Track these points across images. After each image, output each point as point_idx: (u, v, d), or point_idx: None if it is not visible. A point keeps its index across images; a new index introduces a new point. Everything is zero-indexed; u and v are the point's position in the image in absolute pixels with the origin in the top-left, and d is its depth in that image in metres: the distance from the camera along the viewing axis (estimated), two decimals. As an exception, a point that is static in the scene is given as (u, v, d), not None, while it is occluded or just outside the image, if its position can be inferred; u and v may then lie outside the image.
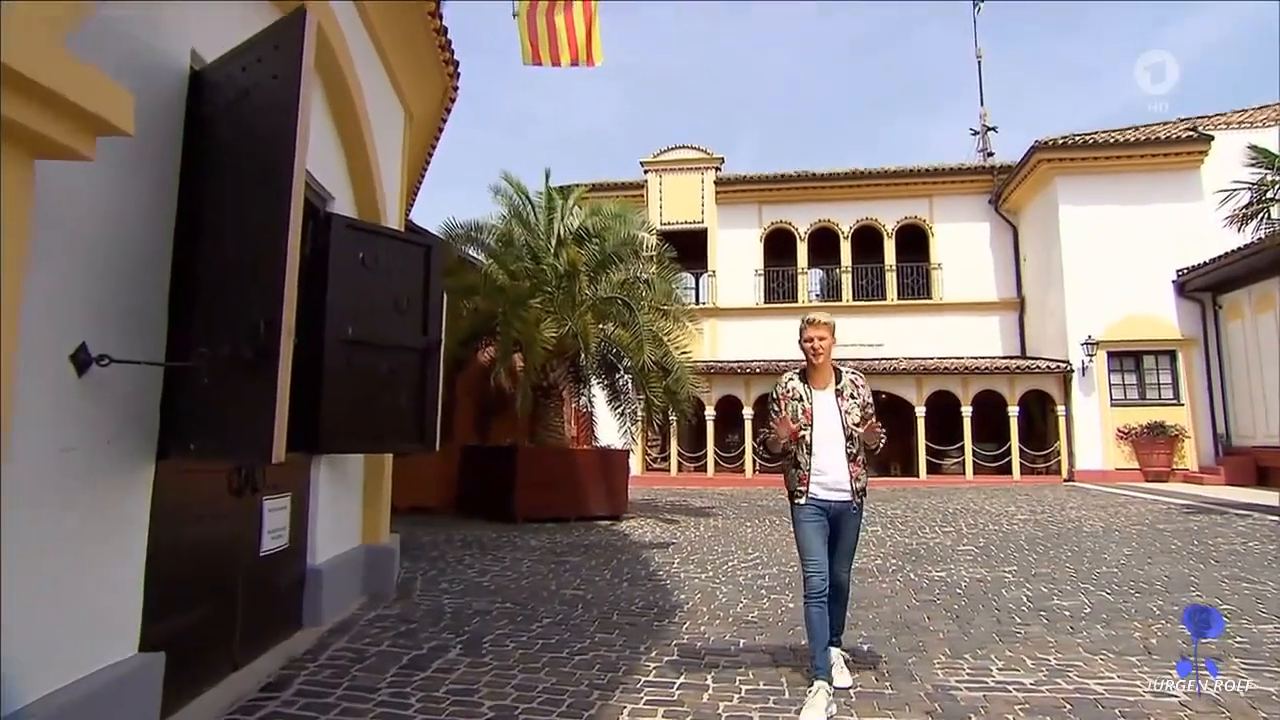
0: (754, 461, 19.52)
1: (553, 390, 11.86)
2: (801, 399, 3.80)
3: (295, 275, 2.74)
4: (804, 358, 3.86)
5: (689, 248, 20.38)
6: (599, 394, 12.58)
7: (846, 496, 3.71)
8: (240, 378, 2.75)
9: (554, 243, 11.89)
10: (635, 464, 18.08)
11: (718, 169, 22.53)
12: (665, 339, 11.36)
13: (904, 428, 19.22)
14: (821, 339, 3.75)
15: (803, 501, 3.73)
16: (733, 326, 21.24)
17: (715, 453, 19.53)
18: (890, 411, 18.92)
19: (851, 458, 3.73)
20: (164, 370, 3.01)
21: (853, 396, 3.78)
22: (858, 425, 3.73)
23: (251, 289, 2.79)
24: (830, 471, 3.72)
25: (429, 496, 11.76)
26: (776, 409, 3.86)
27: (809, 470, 3.73)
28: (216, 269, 2.98)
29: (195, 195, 3.09)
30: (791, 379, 3.89)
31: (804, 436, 3.75)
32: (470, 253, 12.44)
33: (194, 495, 3.41)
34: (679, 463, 19.92)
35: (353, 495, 5.67)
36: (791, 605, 5.52)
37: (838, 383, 3.82)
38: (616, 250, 11.71)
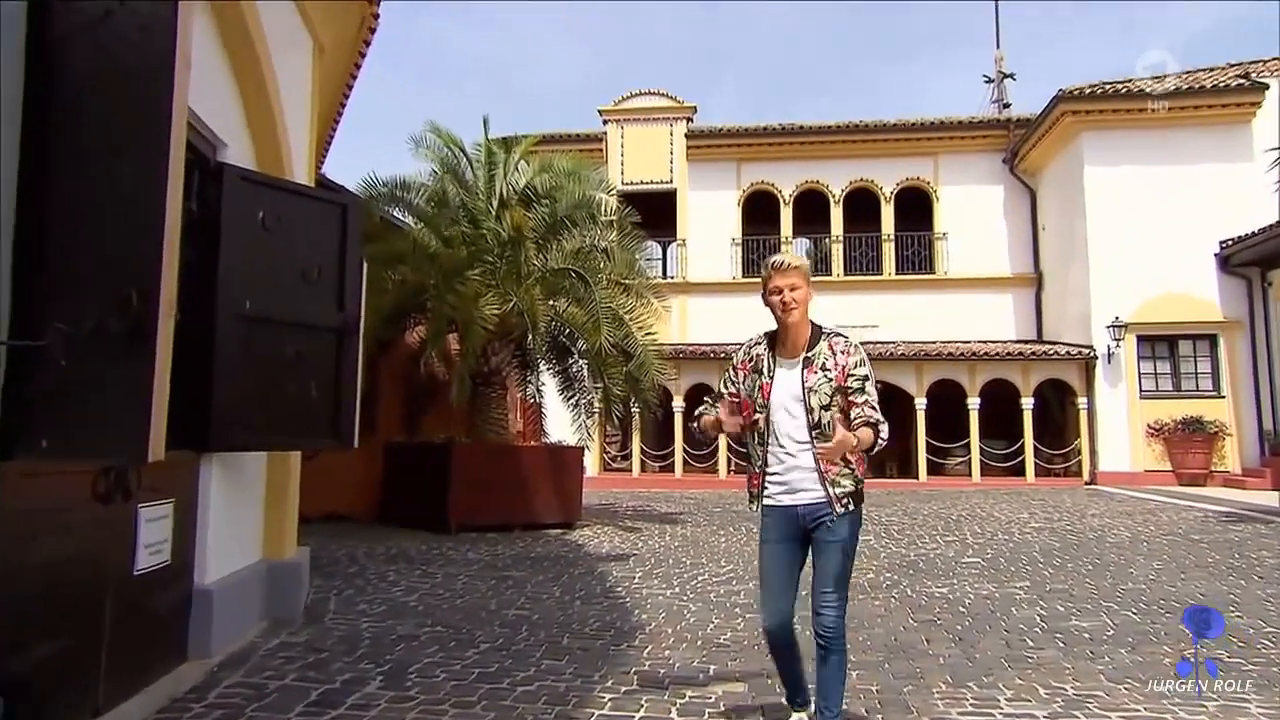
0: (729, 460, 19.66)
1: (494, 377, 11.99)
2: (762, 372, 3.46)
3: (176, 236, 2.69)
4: (774, 317, 3.49)
5: (655, 212, 20.47)
6: (549, 382, 12.66)
7: (818, 498, 3.33)
8: (107, 359, 2.66)
9: (495, 204, 11.90)
10: (591, 463, 18.25)
11: (689, 120, 22.69)
12: (626, 318, 11.48)
13: (902, 422, 19.52)
14: (794, 288, 3.34)
15: (756, 509, 3.49)
16: (705, 304, 21.42)
17: (684, 450, 19.72)
18: (886, 403, 19.01)
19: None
20: (5, 350, 2.90)
21: (824, 369, 3.36)
22: (826, 406, 3.32)
23: (121, 252, 2.70)
24: (792, 469, 3.38)
25: (346, 502, 11.70)
26: (731, 378, 3.57)
27: (761, 467, 3.44)
28: (76, 227, 2.87)
29: (47, 137, 2.96)
30: (758, 344, 3.55)
31: (756, 422, 3.43)
32: (396, 215, 12.44)
33: (48, 503, 3.30)
34: (642, 462, 20.26)
35: (252, 501, 5.61)
36: (771, 627, 5.59)
37: (811, 349, 3.41)
38: (570, 214, 11.77)
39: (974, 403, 19.00)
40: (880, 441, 3.31)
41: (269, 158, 5.62)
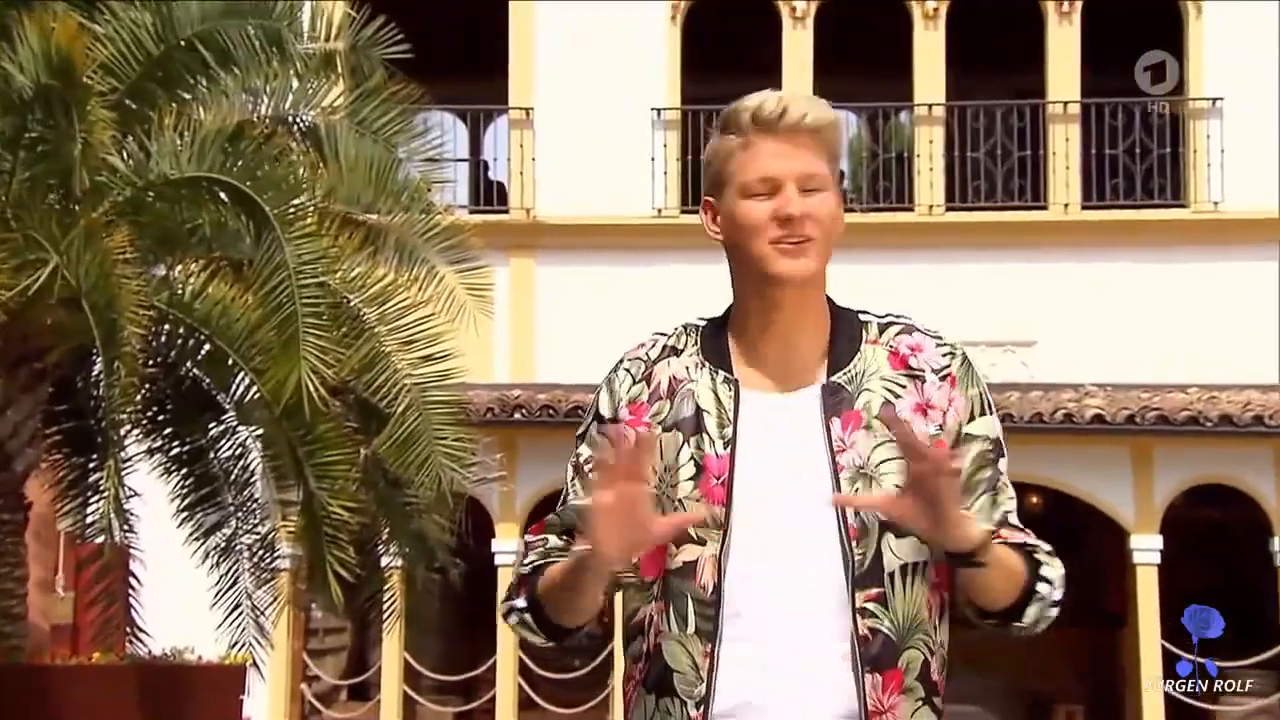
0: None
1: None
2: (700, 425, 2.93)
3: None
4: (737, 273, 2.96)
5: (457, 39, 20.14)
6: (150, 490, 12.11)
7: None
8: None
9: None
10: (267, 708, 18.08)
11: None
12: (372, 315, 11.49)
13: (1093, 598, 18.51)
14: (809, 185, 2.84)
15: None
16: (585, 279, 20.75)
17: (522, 662, 19.03)
18: (1055, 544, 18.92)
19: (872, 655, 2.75)
20: None
21: (874, 422, 2.79)
22: (898, 528, 2.79)
23: None
24: (781, 684, 2.81)
25: None
26: (592, 453, 3.00)
27: (705, 692, 2.84)
28: None
29: None
30: (677, 350, 3.08)
31: (676, 570, 2.83)
32: None
33: None
34: (408, 699, 19.53)
35: None
36: None
37: (839, 368, 2.93)
38: (212, 30, 11.40)
39: (1286, 547, 17.43)
40: (1052, 611, 2.86)
41: None
